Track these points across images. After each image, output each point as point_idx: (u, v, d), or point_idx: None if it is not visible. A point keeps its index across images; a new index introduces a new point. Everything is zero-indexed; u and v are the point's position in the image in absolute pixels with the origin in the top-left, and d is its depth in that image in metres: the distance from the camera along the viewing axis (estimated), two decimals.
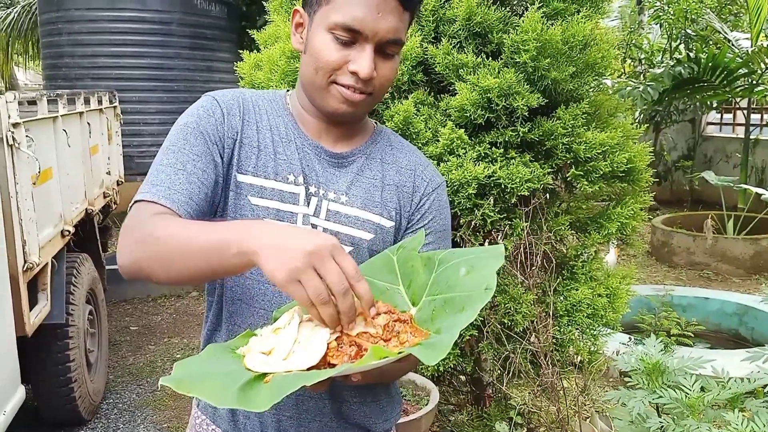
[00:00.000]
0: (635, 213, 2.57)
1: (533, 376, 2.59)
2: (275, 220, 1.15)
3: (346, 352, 0.90)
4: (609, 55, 2.44)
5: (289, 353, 0.90)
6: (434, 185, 1.28)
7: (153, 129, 6.12)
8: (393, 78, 1.17)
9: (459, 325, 0.87)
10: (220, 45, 6.51)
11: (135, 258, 1.00)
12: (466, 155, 2.29)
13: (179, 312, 5.62)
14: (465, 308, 0.91)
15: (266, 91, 1.27)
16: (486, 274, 0.95)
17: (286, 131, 1.20)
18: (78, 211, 3.80)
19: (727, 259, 6.80)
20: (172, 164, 1.09)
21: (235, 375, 0.87)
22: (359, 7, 1.07)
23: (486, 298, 0.90)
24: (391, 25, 1.09)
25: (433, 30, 2.38)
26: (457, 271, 0.99)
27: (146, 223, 1.03)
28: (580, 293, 2.48)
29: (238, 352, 0.96)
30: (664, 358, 1.87)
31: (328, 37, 1.10)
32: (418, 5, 1.17)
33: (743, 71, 7.33)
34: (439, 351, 0.83)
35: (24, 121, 2.88)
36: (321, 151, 1.20)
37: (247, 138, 1.17)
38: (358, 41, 1.09)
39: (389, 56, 1.13)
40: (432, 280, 1.03)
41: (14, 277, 2.74)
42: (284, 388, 0.81)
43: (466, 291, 0.94)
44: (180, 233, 0.98)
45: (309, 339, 0.91)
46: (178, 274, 0.98)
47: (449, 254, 1.05)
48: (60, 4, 6.17)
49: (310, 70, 1.14)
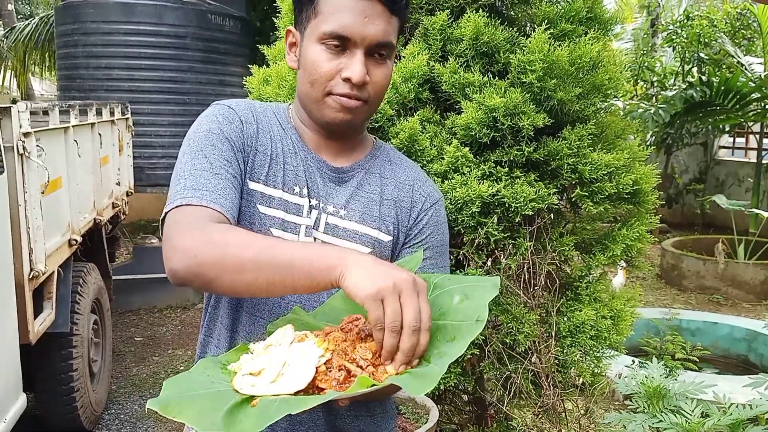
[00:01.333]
0: (641, 235, 2.56)
1: (535, 397, 2.57)
2: (279, 230, 1.16)
3: (335, 377, 0.89)
4: (617, 77, 2.44)
5: (278, 375, 0.90)
6: (432, 201, 1.28)
7: (164, 141, 6.16)
8: (387, 84, 1.18)
9: (450, 357, 0.87)
10: (233, 59, 6.57)
11: (200, 261, 0.97)
12: (470, 173, 2.29)
13: (185, 323, 5.63)
14: (456, 338, 0.91)
15: (271, 103, 1.29)
16: (479, 304, 0.94)
17: (292, 143, 1.22)
18: (86, 220, 3.83)
19: (738, 283, 6.74)
20: (207, 169, 1.09)
21: (222, 397, 0.87)
22: (346, 14, 1.10)
23: (477, 331, 0.90)
24: (379, 28, 1.11)
25: (440, 49, 2.39)
26: (451, 298, 0.98)
27: (207, 226, 1.01)
28: (583, 314, 2.46)
29: (229, 368, 0.95)
30: (666, 382, 1.85)
31: (320, 48, 1.12)
32: (405, 9, 1.18)
33: (756, 96, 7.31)
34: (428, 382, 0.83)
35: (35, 130, 2.91)
36: (322, 164, 1.22)
37: (262, 146, 1.18)
38: (348, 48, 1.11)
39: (381, 61, 1.14)
40: None
41: (20, 284, 2.76)
42: (270, 415, 0.80)
43: (457, 320, 0.94)
44: (256, 243, 0.98)
45: (298, 361, 0.91)
46: (245, 284, 0.97)
47: (445, 280, 1.05)
48: (77, 16, 6.26)
49: (306, 84, 1.15)
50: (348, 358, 0.92)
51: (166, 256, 1.01)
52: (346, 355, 0.92)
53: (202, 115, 1.19)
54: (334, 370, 0.90)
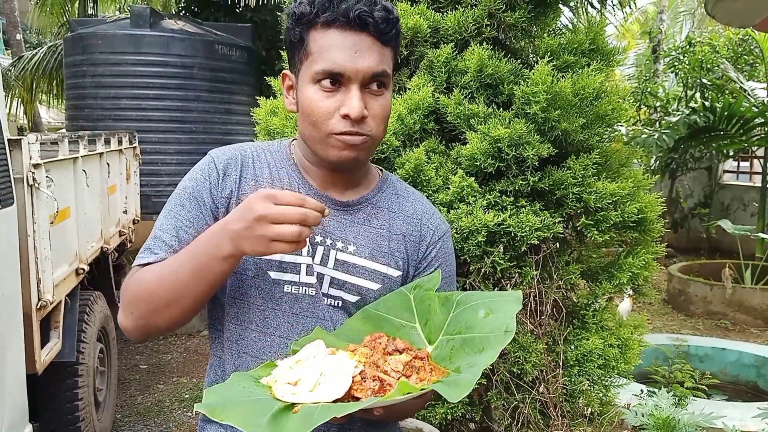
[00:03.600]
0: (647, 263, 2.56)
1: (543, 427, 2.55)
2: (277, 272, 1.18)
3: (369, 387, 0.93)
4: (620, 107, 2.46)
5: (315, 385, 0.94)
6: (440, 233, 1.30)
7: (171, 169, 6.21)
8: (387, 114, 1.17)
9: (481, 365, 0.91)
10: (240, 89, 6.64)
11: (135, 318, 1.11)
12: (476, 203, 2.31)
13: (189, 351, 5.61)
14: (485, 349, 0.95)
15: (270, 142, 1.30)
16: (505, 317, 0.99)
17: (289, 182, 1.23)
18: (93, 249, 3.85)
19: (745, 309, 6.70)
20: (168, 230, 1.17)
21: (264, 404, 0.91)
22: (336, 51, 1.11)
23: (506, 340, 0.95)
24: (372, 60, 1.12)
25: (445, 80, 2.42)
26: (476, 313, 1.03)
27: (131, 283, 1.13)
28: (591, 343, 2.46)
29: (262, 382, 0.99)
30: (675, 413, 1.84)
31: (315, 89, 1.13)
32: (397, 38, 1.18)
33: (759, 120, 7.34)
34: (463, 388, 0.87)
35: (45, 162, 2.94)
36: (327, 200, 1.22)
37: (245, 195, 1.18)
38: (344, 84, 1.12)
39: (378, 92, 1.14)
40: (449, 320, 1.06)
41: (27, 314, 2.77)
42: (315, 418, 0.85)
43: (484, 332, 0.98)
44: (162, 271, 1.10)
45: (336, 372, 0.95)
46: (180, 311, 1.09)
47: (467, 296, 1.09)
48: (86, 47, 6.34)
49: (307, 126, 1.16)
50: (380, 369, 0.96)
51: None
52: (378, 367, 0.97)
53: (193, 167, 1.25)
54: (369, 380, 0.94)
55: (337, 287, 1.20)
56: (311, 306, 1.19)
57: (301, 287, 1.18)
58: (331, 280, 1.19)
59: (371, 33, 1.11)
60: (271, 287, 1.18)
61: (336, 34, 1.11)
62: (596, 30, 2.52)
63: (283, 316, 1.18)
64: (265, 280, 1.18)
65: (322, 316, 1.19)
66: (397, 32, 1.17)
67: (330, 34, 1.11)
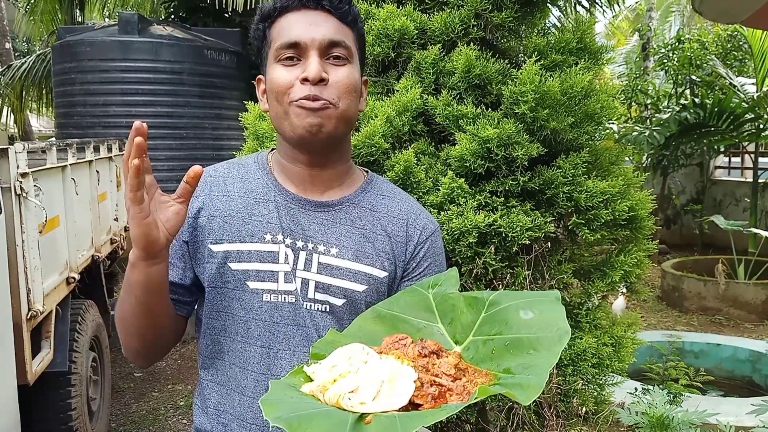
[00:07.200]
0: (639, 261, 2.56)
1: (538, 428, 2.54)
2: (255, 281, 1.17)
3: (429, 392, 0.90)
4: (609, 105, 2.46)
5: (377, 393, 0.89)
6: (428, 233, 1.28)
7: (162, 175, 6.14)
8: (351, 86, 1.16)
9: (543, 366, 0.89)
10: (230, 93, 6.63)
11: (124, 348, 1.26)
12: (466, 204, 2.30)
13: (184, 357, 5.59)
14: (537, 349, 0.92)
15: (246, 156, 1.32)
16: (553, 317, 0.97)
17: (264, 191, 1.22)
18: (84, 258, 3.83)
19: (739, 304, 6.72)
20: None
21: (332, 415, 0.86)
22: (293, 25, 1.15)
23: (565, 340, 0.93)
24: (328, 30, 1.15)
25: (433, 82, 2.41)
26: (517, 313, 1.00)
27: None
28: (584, 342, 2.45)
29: (304, 390, 0.92)
30: (669, 411, 1.84)
31: (278, 66, 1.15)
32: (356, 23, 1.21)
33: (750, 116, 7.37)
34: (532, 390, 0.85)
35: (32, 170, 2.92)
36: (305, 203, 1.21)
37: (217, 210, 1.21)
38: (303, 55, 1.14)
39: (340, 63, 1.15)
40: (480, 320, 1.02)
41: (18, 325, 2.75)
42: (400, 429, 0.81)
43: (532, 333, 0.96)
44: (119, 301, 1.19)
45: (395, 379, 0.90)
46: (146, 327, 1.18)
47: (500, 296, 1.05)
48: (74, 55, 6.32)
49: (273, 104, 1.17)
50: (430, 373, 0.92)
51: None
52: (427, 371, 0.93)
53: None
54: (427, 386, 0.90)
55: (323, 291, 1.18)
56: (291, 314, 1.18)
57: (281, 295, 1.17)
58: (316, 285, 1.18)
59: (326, 8, 1.15)
60: (251, 297, 1.17)
61: (292, 15, 1.16)
62: (584, 29, 2.52)
63: (264, 326, 1.17)
64: (245, 290, 1.17)
65: (303, 323, 1.18)
66: (356, 15, 1.20)
67: (286, 18, 1.16)
